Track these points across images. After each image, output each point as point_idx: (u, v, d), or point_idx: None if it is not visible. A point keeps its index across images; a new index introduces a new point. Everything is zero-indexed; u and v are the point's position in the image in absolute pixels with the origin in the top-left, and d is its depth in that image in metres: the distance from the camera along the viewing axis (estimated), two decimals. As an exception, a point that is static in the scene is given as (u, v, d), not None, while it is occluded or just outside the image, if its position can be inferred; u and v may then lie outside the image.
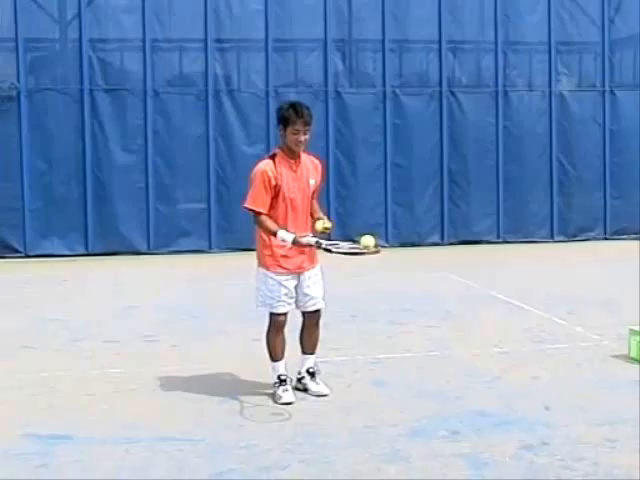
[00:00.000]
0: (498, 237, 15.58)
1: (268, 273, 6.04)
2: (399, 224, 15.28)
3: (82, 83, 14.44)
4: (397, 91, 15.31)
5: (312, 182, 6.15)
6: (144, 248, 14.57)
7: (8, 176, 14.28)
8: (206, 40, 14.84)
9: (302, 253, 6.06)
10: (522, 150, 15.69)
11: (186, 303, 9.92)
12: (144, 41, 14.64)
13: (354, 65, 15.62)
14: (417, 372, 6.79)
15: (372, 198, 15.09)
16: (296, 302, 6.17)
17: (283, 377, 6.13)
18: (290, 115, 5.97)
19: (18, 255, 14.15)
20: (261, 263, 6.11)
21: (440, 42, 15.52)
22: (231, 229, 14.66)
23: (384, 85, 15.23)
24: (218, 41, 14.99)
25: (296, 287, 6.11)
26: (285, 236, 5.81)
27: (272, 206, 5.98)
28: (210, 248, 14.78)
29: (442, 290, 10.79)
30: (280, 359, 6.16)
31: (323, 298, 6.24)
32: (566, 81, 15.93)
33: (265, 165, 6.00)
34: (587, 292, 10.36)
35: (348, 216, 14.79)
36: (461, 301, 9.97)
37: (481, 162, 15.57)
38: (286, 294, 6.05)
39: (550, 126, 15.74)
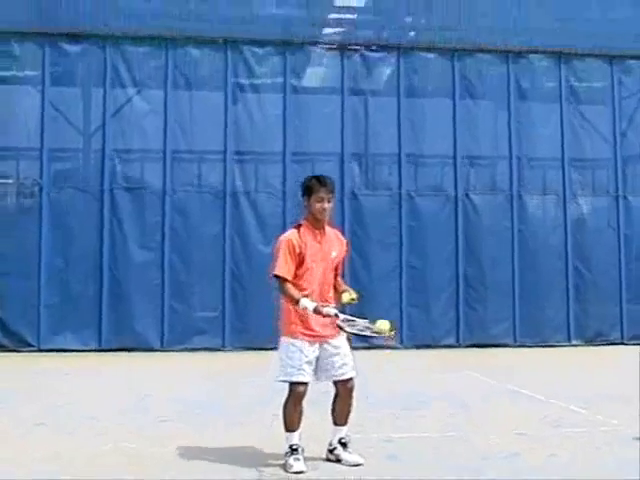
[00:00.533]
0: (515, 341, 15.44)
1: (291, 340, 6.04)
2: (414, 326, 15.21)
3: (102, 183, 14.72)
4: (412, 194, 15.51)
5: (334, 254, 6.25)
6: (157, 345, 14.52)
7: (26, 272, 14.37)
8: (225, 152, 15.15)
9: (325, 322, 6.08)
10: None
11: (200, 398, 9.78)
12: (165, 152, 14.98)
13: (370, 174, 15.88)
14: (433, 451, 6.67)
15: (387, 299, 15.07)
16: (325, 374, 6.15)
17: (295, 446, 6.07)
18: (314, 184, 6.21)
19: (31, 349, 14.12)
20: (284, 332, 6.14)
21: (455, 157, 15.79)
22: (245, 328, 14.63)
23: (400, 188, 15.44)
24: (238, 153, 15.32)
25: (322, 358, 6.10)
26: (307, 304, 5.90)
27: (295, 274, 6.06)
28: (224, 346, 14.70)
29: (459, 384, 10.66)
30: (295, 430, 6.11)
31: (354, 368, 6.22)
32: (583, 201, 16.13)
33: (290, 234, 6.14)
34: (604, 389, 10.21)
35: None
36: (478, 394, 9.84)
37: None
38: (307, 362, 6.03)
39: (565, 232, 15.84)
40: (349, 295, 6.21)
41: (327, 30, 15.74)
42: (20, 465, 6.13)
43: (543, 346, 15.29)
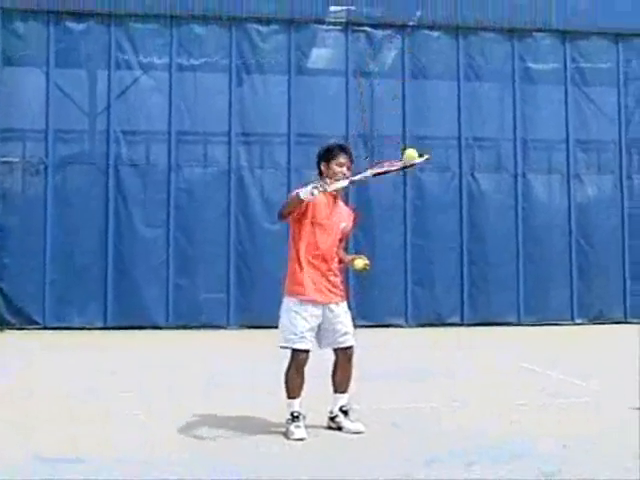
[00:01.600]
0: (519, 319, 15.46)
1: (294, 301, 6.05)
2: (419, 304, 15.24)
3: (108, 162, 14.76)
4: (417, 173, 15.50)
5: (342, 225, 6.26)
6: (163, 322, 14.58)
7: (32, 249, 14.42)
8: (230, 132, 15.17)
9: (329, 282, 6.10)
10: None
11: (202, 371, 9.85)
12: (170, 132, 15.00)
13: (375, 155, 15.83)
14: (434, 419, 6.72)
15: (392, 277, 15.10)
16: (327, 340, 6.18)
17: (296, 413, 6.10)
18: (334, 149, 6.21)
19: (37, 326, 14.19)
20: (287, 291, 6.14)
21: (460, 137, 15.78)
22: (250, 307, 14.69)
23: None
24: (243, 134, 15.33)
25: (323, 325, 6.12)
26: (308, 188, 5.74)
27: (302, 233, 6.06)
28: (228, 324, 14.77)
29: (463, 360, 10.70)
30: (296, 397, 6.14)
31: (354, 336, 6.25)
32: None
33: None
34: (605, 363, 10.26)
35: (366, 298, 14.75)
36: (481, 368, 9.89)
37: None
38: (310, 329, 6.05)
39: (569, 211, 15.84)
40: (362, 261, 6.18)
41: (333, 8, 15.68)
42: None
43: (547, 324, 15.33)
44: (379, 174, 5.92)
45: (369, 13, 15.65)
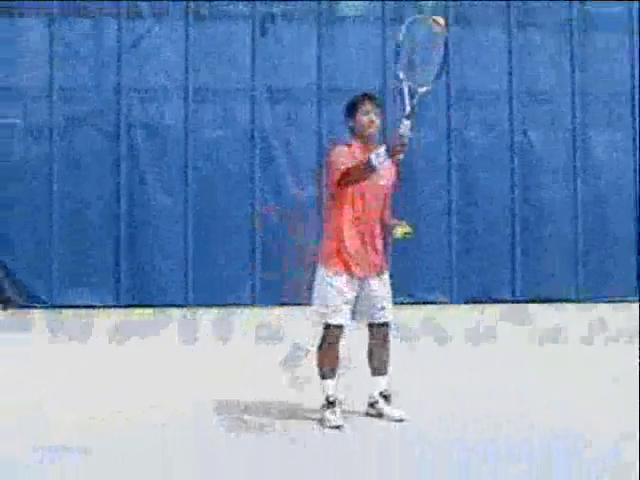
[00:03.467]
0: (577, 295, 15.26)
1: (329, 275, 5.95)
2: (466, 276, 15.07)
3: (119, 124, 14.70)
4: (463, 130, 15.32)
5: (382, 182, 6.12)
6: (181, 300, 14.55)
7: (37, 220, 14.44)
8: (254, 89, 15.07)
9: (373, 250, 6.00)
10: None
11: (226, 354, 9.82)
12: (187, 89, 14.92)
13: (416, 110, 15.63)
14: (484, 406, 6.61)
15: (436, 244, 14.95)
16: (361, 314, 6.09)
17: (332, 399, 6.04)
18: (359, 99, 6.16)
19: (44, 305, 14.23)
20: (324, 262, 6.04)
21: (511, 91, 15.53)
22: (276, 281, 14.60)
23: (449, 123, 15.21)
24: (268, 90, 15.20)
25: (361, 299, 6.03)
26: (378, 153, 5.66)
27: (342, 197, 5.96)
28: (253, 302, 14.71)
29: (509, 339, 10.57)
30: (331, 377, 6.06)
31: (392, 313, 6.16)
32: None
33: (341, 152, 6.02)
34: None
35: (407, 265, 14.57)
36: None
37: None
38: (345, 303, 5.96)
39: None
40: (402, 229, 6.07)
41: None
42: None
43: (610, 302, 15.07)
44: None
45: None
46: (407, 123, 5.72)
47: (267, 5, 15.25)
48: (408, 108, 5.77)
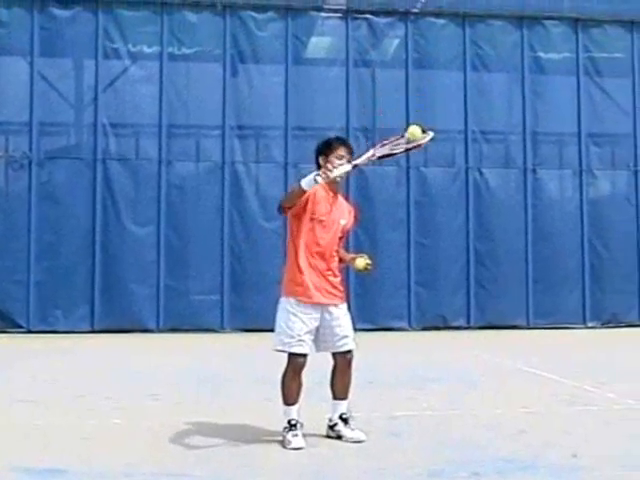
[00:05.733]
0: (528, 322, 15.48)
1: (291, 302, 5.98)
2: (423, 306, 15.22)
3: (95, 157, 14.73)
4: (421, 168, 15.48)
5: (343, 222, 6.20)
6: (153, 326, 14.56)
7: (15, 248, 14.41)
8: (224, 125, 15.17)
9: (329, 283, 6.06)
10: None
11: (195, 375, 9.83)
12: (160, 125, 14.98)
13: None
14: (436, 427, 6.68)
15: (395, 277, 15.08)
16: (325, 344, 6.12)
17: (293, 422, 6.04)
18: (333, 142, 6.16)
19: (21, 330, 14.17)
20: (285, 291, 6.06)
21: (466, 131, 15.74)
22: (244, 308, 14.68)
23: (408, 162, 15.39)
24: (238, 127, 15.30)
25: (322, 328, 6.07)
26: (310, 176, 5.70)
27: (301, 223, 6.01)
28: (222, 327, 14.75)
29: (467, 364, 10.68)
30: (294, 403, 6.08)
31: (354, 339, 6.19)
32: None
33: None
34: (619, 369, 10.23)
35: (368, 297, 14.75)
36: (487, 373, 9.87)
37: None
38: (308, 332, 5.99)
39: (581, 209, 15.80)
40: (364, 260, 6.10)
41: (332, -6, 15.68)
42: None
43: (557, 328, 15.31)
44: (383, 157, 5.92)
45: (370, 1, 15.64)
46: (347, 169, 5.84)
47: (238, 46, 15.37)
48: (357, 162, 5.88)
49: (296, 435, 5.99)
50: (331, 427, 6.26)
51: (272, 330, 6.13)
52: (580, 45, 16.15)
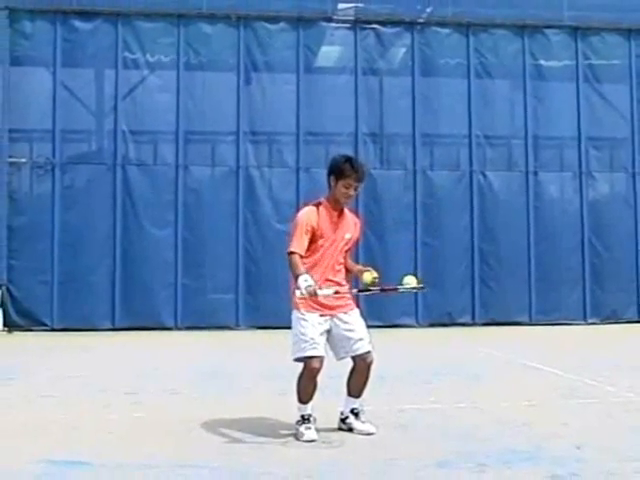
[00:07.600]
0: (530, 319, 15.45)
1: (302, 313, 5.97)
2: (429, 304, 15.18)
3: (115, 162, 14.78)
4: (428, 172, 15.47)
5: (347, 236, 6.16)
6: (171, 323, 14.59)
7: (39, 250, 14.46)
8: (238, 132, 15.18)
9: (336, 293, 6.03)
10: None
11: (210, 370, 9.83)
12: (177, 133, 15.02)
13: (385, 154, 15.81)
14: (444, 419, 6.66)
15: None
16: (343, 350, 6.08)
17: (307, 415, 6.03)
18: (345, 169, 6.01)
19: (45, 328, 14.21)
20: (295, 305, 6.06)
21: (470, 135, 15.69)
22: (258, 306, 14.68)
23: (415, 165, 15.39)
24: (252, 133, 15.32)
25: (336, 334, 6.03)
26: (302, 283, 5.70)
27: (306, 249, 6.02)
28: (237, 325, 14.76)
29: (473, 359, 10.66)
30: (308, 401, 6.07)
31: (370, 342, 6.15)
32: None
33: (309, 212, 6.03)
34: (619, 363, 10.19)
35: (377, 295, 14.68)
36: (492, 368, 9.84)
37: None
38: (320, 335, 5.96)
39: (582, 210, 15.76)
40: (371, 275, 6.04)
41: (341, 5, 15.66)
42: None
43: (559, 324, 15.27)
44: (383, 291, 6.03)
45: (377, 10, 15.62)
46: (330, 293, 5.88)
47: (251, 56, 15.39)
48: (359, 291, 6.12)
49: (309, 428, 5.99)
50: (343, 420, 6.26)
51: (285, 327, 6.12)
52: (579, 53, 16.11)
